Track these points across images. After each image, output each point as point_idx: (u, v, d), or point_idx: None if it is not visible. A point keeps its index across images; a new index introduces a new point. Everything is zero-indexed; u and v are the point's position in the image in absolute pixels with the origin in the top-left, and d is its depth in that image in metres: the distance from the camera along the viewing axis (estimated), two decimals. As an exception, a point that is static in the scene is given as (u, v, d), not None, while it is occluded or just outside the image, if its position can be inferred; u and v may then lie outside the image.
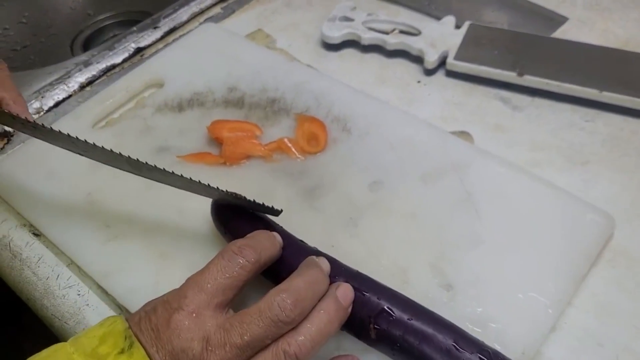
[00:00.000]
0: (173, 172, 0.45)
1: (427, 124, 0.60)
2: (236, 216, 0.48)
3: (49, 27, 1.07)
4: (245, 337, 0.36)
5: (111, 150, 0.45)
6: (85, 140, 0.45)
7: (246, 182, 0.56)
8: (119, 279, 0.50)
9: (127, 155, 0.45)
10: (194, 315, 0.37)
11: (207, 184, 0.46)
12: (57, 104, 0.69)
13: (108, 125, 0.64)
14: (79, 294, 0.51)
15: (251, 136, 0.59)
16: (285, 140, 0.58)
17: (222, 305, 0.38)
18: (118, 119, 0.64)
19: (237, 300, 0.40)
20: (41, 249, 0.54)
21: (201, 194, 0.48)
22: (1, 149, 0.64)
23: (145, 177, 0.47)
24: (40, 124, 0.47)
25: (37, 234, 0.55)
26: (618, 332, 0.46)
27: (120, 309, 0.49)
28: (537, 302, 0.46)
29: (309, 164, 0.57)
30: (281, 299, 0.37)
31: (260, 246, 0.41)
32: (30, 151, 0.61)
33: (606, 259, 0.51)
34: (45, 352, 0.37)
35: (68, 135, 0.45)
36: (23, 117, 0.47)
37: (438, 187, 0.55)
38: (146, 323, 0.38)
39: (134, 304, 0.48)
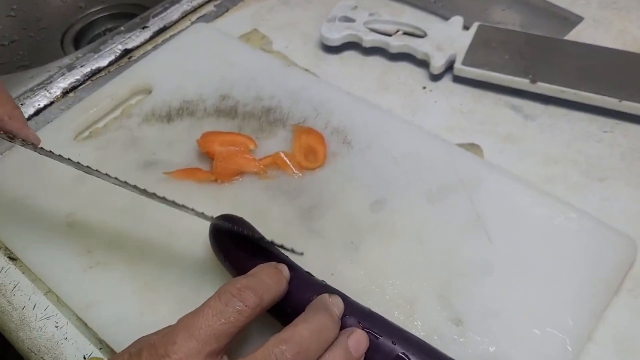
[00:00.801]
0: (174, 202, 0.42)
1: (434, 136, 0.56)
2: (238, 244, 0.44)
3: (38, 20, 1.03)
4: None
5: (116, 178, 0.42)
6: (89, 167, 0.42)
7: (239, 201, 0.52)
8: (101, 310, 0.46)
9: (133, 185, 0.42)
10: None
11: (211, 216, 0.43)
12: (37, 112, 0.64)
13: (92, 136, 0.59)
14: (57, 326, 0.47)
15: (244, 150, 0.55)
16: (281, 154, 0.54)
17: (214, 353, 0.34)
18: (103, 129, 0.60)
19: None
20: (17, 275, 0.50)
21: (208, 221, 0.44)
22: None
23: (150, 198, 0.43)
24: (39, 146, 0.43)
25: (13, 258, 0.51)
26: (642, 371, 0.42)
27: (101, 343, 0.46)
28: (555, 338, 0.43)
29: (306, 180, 0.53)
30: (280, 351, 0.33)
31: (263, 287, 0.37)
32: (6, 167, 0.57)
33: (627, 288, 0.47)
34: None
35: (69, 159, 0.43)
36: (22, 134, 0.43)
37: (445, 207, 0.51)
38: None
39: (116, 339, 0.45)
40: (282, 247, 0.42)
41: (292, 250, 0.42)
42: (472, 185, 0.52)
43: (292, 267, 0.42)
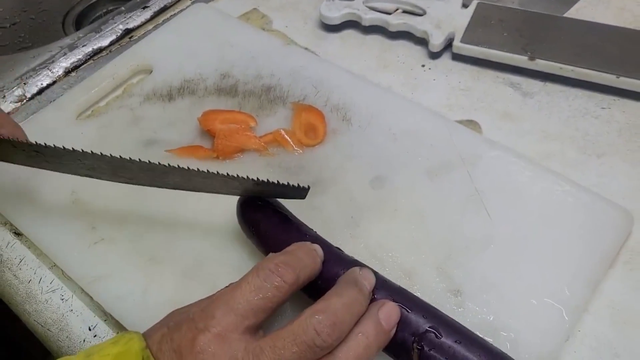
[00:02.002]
0: (188, 168, 0.41)
1: (433, 113, 0.57)
2: (267, 218, 0.44)
3: (39, 2, 1.03)
4: None
5: (120, 156, 0.41)
6: (92, 152, 0.41)
7: (240, 178, 0.53)
8: (106, 284, 0.47)
9: (138, 159, 0.41)
10: (221, 338, 0.34)
11: (226, 173, 0.42)
12: (40, 91, 0.65)
13: (93, 115, 0.60)
14: (62, 299, 0.48)
15: (245, 128, 0.55)
16: (282, 131, 0.55)
17: (252, 328, 0.35)
18: (104, 108, 0.61)
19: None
20: (22, 250, 0.51)
21: (218, 191, 0.44)
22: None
23: (161, 186, 0.44)
24: (45, 144, 0.42)
25: (18, 234, 0.52)
26: (636, 341, 0.43)
27: (107, 315, 0.46)
28: (552, 308, 0.43)
29: (306, 157, 0.54)
30: (317, 321, 0.34)
31: (299, 265, 0.37)
32: (10, 144, 0.57)
33: (623, 260, 0.48)
34: None
35: (73, 149, 0.41)
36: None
37: (445, 182, 0.51)
38: (168, 343, 0.34)
39: (121, 312, 0.46)
40: (287, 185, 0.42)
41: (298, 187, 0.43)
42: (471, 162, 0.52)
43: (323, 243, 0.43)
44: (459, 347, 0.37)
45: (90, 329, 0.46)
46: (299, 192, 0.43)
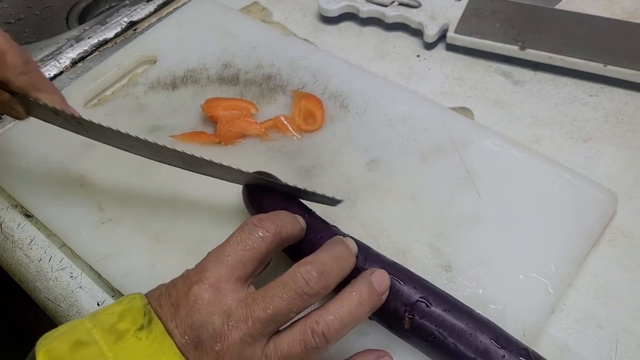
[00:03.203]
0: (221, 164, 0.44)
1: (427, 100, 0.59)
2: (270, 198, 0.47)
3: (43, -2, 1.05)
4: (269, 311, 0.35)
5: (164, 146, 0.43)
6: (137, 136, 0.43)
7: (241, 162, 0.54)
8: (113, 262, 0.49)
9: (181, 151, 0.43)
10: (214, 288, 0.36)
11: (243, 170, 0.45)
12: (48, 81, 0.67)
13: (100, 104, 0.62)
14: (71, 277, 0.50)
15: (246, 114, 0.57)
16: (282, 118, 0.57)
17: (243, 278, 0.37)
18: (110, 96, 0.63)
19: (262, 283, 0.39)
20: (33, 231, 0.53)
21: (238, 182, 0.47)
22: (-8, 128, 0.63)
23: (194, 172, 0.46)
24: (88, 119, 0.44)
25: (28, 215, 0.54)
26: (618, 314, 0.45)
27: (114, 292, 0.49)
28: (538, 283, 0.46)
29: (305, 142, 0.56)
30: (305, 270, 0.36)
31: (280, 220, 0.40)
32: (22, 130, 0.59)
33: (608, 238, 0.50)
34: (63, 328, 0.36)
35: (119, 130, 0.43)
36: (69, 113, 0.45)
37: (438, 165, 0.53)
38: (166, 298, 0.37)
39: (129, 288, 0.48)
40: (321, 195, 0.45)
41: (333, 198, 0.45)
42: (463, 146, 0.54)
43: (321, 221, 0.45)
44: (447, 315, 0.39)
45: (98, 304, 0.48)
46: (329, 201, 0.46)
